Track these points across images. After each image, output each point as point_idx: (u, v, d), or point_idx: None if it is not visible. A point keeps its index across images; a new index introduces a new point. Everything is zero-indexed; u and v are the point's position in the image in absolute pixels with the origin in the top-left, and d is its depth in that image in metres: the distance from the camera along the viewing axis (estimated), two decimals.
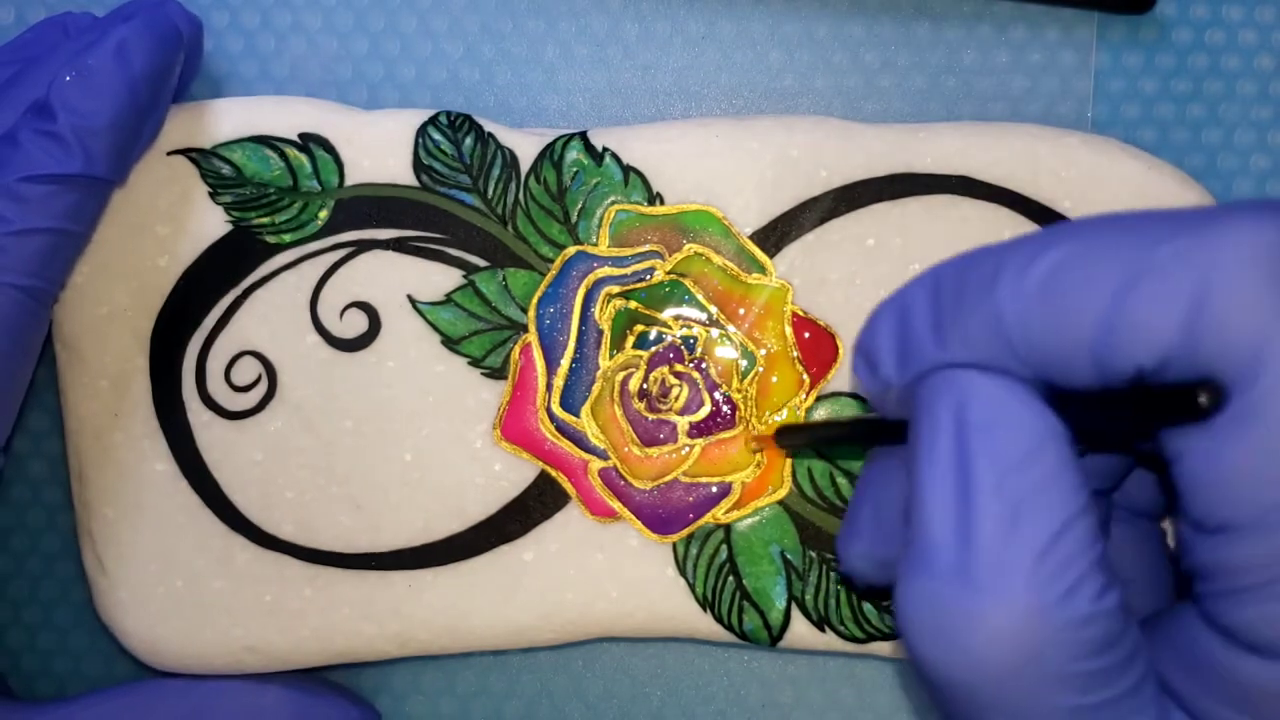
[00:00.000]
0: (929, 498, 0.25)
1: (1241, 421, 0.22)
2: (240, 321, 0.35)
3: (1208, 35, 0.38)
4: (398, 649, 0.35)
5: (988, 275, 0.24)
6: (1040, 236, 0.24)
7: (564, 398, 0.35)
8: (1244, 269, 0.22)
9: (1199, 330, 0.22)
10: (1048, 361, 0.24)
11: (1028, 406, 0.24)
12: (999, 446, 0.24)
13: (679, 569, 0.35)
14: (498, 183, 0.35)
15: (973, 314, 0.24)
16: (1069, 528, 0.23)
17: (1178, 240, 0.22)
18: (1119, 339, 0.23)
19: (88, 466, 0.35)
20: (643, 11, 0.38)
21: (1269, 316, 0.22)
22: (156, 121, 0.34)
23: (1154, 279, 0.22)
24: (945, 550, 0.24)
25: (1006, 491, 0.23)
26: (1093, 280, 0.23)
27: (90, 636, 0.38)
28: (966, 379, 0.25)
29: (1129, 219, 0.24)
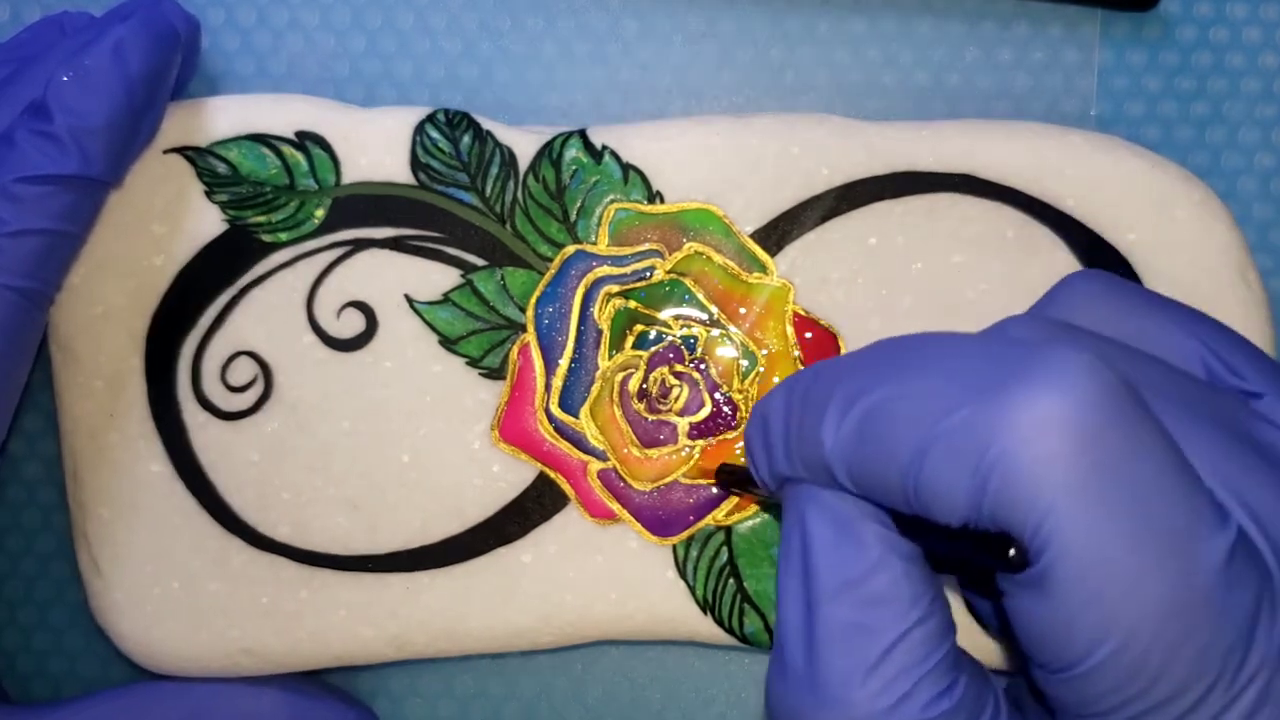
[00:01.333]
0: (783, 606, 0.27)
1: (1040, 587, 0.23)
2: (236, 321, 0.35)
3: (1212, 33, 0.38)
4: (395, 651, 0.35)
5: (818, 409, 0.26)
6: (862, 368, 0.26)
7: (563, 398, 0.35)
8: (1020, 445, 0.23)
9: (984, 503, 0.23)
10: (876, 498, 0.26)
11: (866, 526, 0.26)
12: (835, 566, 0.26)
13: (679, 571, 0.35)
14: (496, 181, 0.35)
15: (807, 446, 0.26)
16: (900, 641, 0.25)
17: (966, 409, 0.23)
18: (923, 502, 0.24)
19: (83, 467, 0.35)
20: (642, 8, 0.38)
21: (1044, 492, 0.23)
22: (153, 121, 0.34)
23: (942, 451, 0.24)
24: (794, 654, 0.26)
25: (844, 607, 0.26)
26: (893, 441, 0.24)
27: (86, 638, 0.38)
28: (812, 496, 0.27)
29: (940, 360, 0.25)
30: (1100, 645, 0.23)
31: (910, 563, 0.26)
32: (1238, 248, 0.35)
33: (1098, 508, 0.22)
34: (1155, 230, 0.35)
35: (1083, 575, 0.23)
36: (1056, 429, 0.23)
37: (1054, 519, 0.23)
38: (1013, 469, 0.23)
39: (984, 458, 0.23)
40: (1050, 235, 0.35)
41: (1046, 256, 0.35)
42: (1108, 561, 0.22)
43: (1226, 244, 0.35)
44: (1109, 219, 0.35)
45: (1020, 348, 0.24)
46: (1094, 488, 0.22)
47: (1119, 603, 0.23)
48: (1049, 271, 0.35)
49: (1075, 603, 0.23)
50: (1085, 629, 0.23)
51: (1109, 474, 0.23)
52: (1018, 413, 0.23)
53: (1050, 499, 0.22)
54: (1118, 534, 0.22)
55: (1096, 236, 0.35)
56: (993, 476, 0.23)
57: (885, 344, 0.27)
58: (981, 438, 0.23)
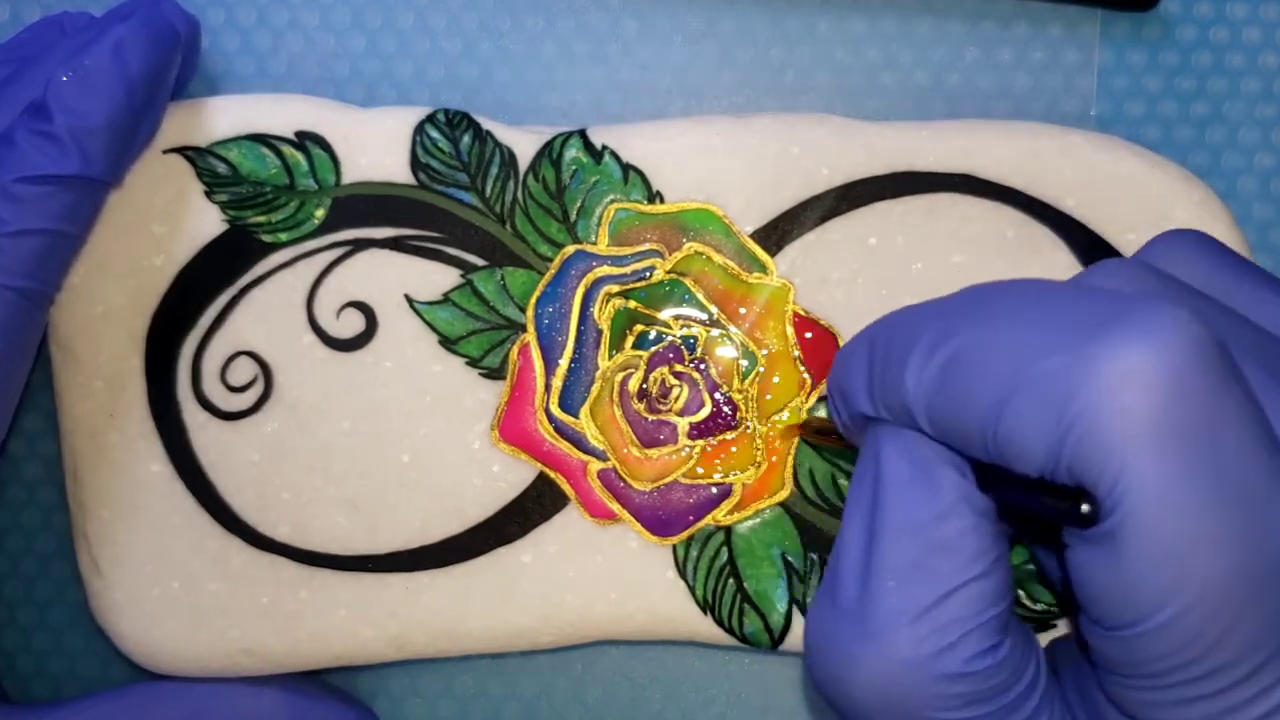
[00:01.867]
0: (845, 536, 0.27)
1: (1109, 543, 0.23)
2: (236, 321, 0.35)
3: (1212, 33, 0.38)
4: (395, 651, 0.35)
5: (900, 353, 0.26)
6: (950, 313, 0.26)
7: (563, 398, 0.35)
8: (1107, 397, 0.22)
9: (1063, 455, 0.23)
10: (955, 445, 0.25)
11: (943, 472, 0.26)
12: (907, 505, 0.26)
13: (679, 571, 0.35)
14: (496, 181, 0.35)
15: (889, 389, 0.26)
16: (957, 592, 0.25)
17: (1054, 357, 0.23)
18: (1000, 449, 0.24)
19: (83, 467, 0.35)
20: (642, 8, 0.38)
21: (1125, 447, 0.22)
22: (153, 121, 0.34)
23: (1026, 397, 0.23)
24: (848, 587, 0.26)
25: (906, 548, 0.25)
26: (977, 386, 0.24)
27: (86, 638, 0.38)
28: (892, 434, 0.26)
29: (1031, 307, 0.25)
30: (1163, 607, 0.23)
31: (982, 517, 0.25)
32: (1238, 247, 0.35)
33: (1175, 467, 0.22)
34: (1155, 230, 0.35)
35: (1153, 536, 0.22)
36: (1143, 385, 0.22)
37: (1130, 476, 0.22)
38: (1095, 422, 0.22)
39: (1068, 408, 0.23)
40: (1050, 235, 0.35)
41: (1046, 256, 0.35)
42: (1180, 522, 0.22)
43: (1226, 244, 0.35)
44: (1109, 219, 0.35)
45: (1112, 299, 0.24)
46: (1174, 448, 0.22)
47: (1187, 566, 0.22)
48: (1049, 271, 0.35)
49: (1143, 562, 0.22)
50: (1150, 589, 0.23)
51: (1191, 435, 0.22)
52: (1105, 365, 0.22)
53: (1129, 454, 0.22)
54: (1193, 495, 0.22)
55: (1096, 236, 0.35)
56: (1075, 428, 0.22)
57: (971, 289, 0.26)
58: (1067, 388, 0.23)
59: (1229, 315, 0.27)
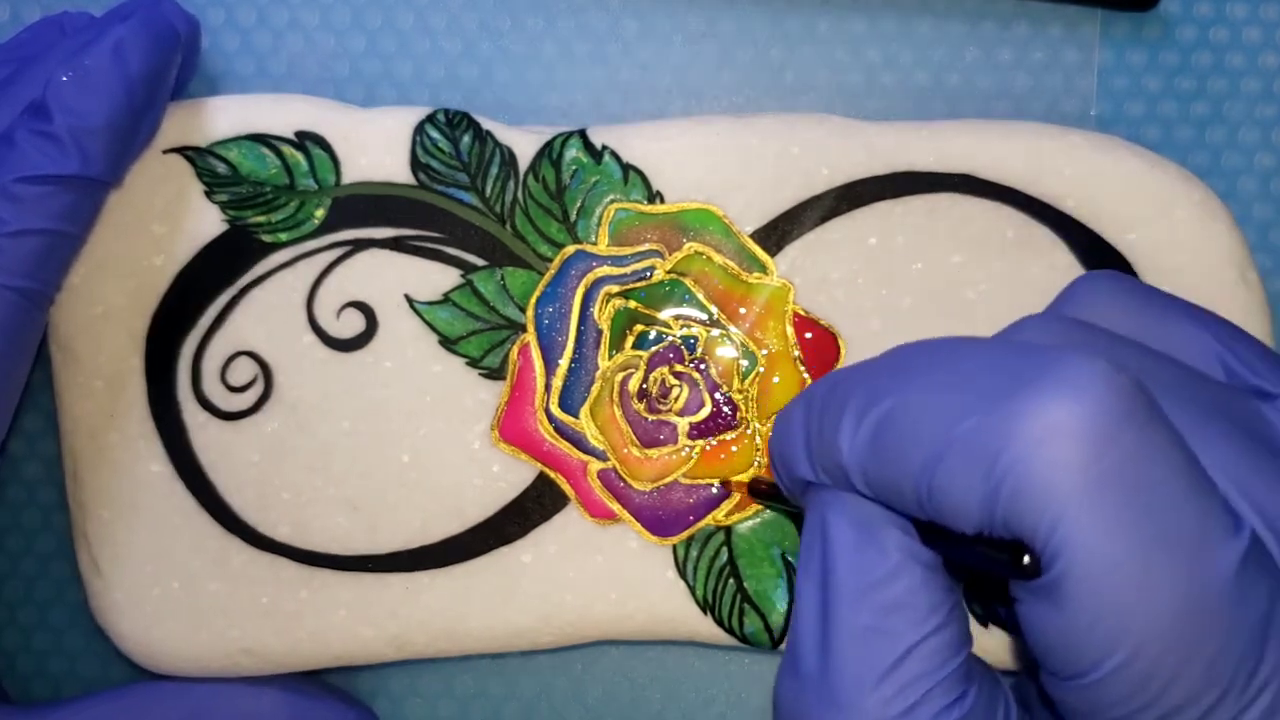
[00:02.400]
0: (800, 605, 0.27)
1: (1052, 595, 0.23)
2: (236, 321, 0.35)
3: (1212, 33, 0.38)
4: (395, 652, 0.35)
5: (835, 415, 0.26)
6: (878, 374, 0.26)
7: (563, 398, 0.35)
8: (1032, 451, 0.23)
9: (997, 510, 0.23)
10: (893, 505, 0.25)
11: (887, 532, 0.26)
12: (856, 569, 0.26)
13: (679, 571, 0.35)
14: (496, 181, 0.35)
15: (825, 452, 0.26)
16: (915, 649, 0.25)
17: (977, 415, 0.23)
18: (936, 509, 0.24)
19: (83, 467, 0.35)
20: (642, 8, 0.38)
21: (1056, 500, 0.22)
22: (153, 121, 0.34)
23: (955, 457, 0.23)
24: (808, 657, 0.26)
25: (861, 611, 0.26)
26: (907, 448, 0.24)
27: (86, 638, 0.38)
28: (834, 500, 0.27)
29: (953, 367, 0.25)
30: (1111, 654, 0.23)
31: (930, 570, 0.26)
32: (1238, 248, 0.35)
33: (1108, 516, 0.22)
34: (1155, 230, 0.35)
35: (1094, 584, 0.22)
36: (1067, 436, 0.22)
37: (1065, 527, 0.22)
38: (1024, 476, 0.23)
39: (996, 465, 0.23)
40: (1050, 235, 0.35)
41: (1046, 256, 0.35)
42: (1119, 570, 0.22)
43: (1226, 244, 0.35)
44: (1109, 219, 0.35)
45: (1031, 354, 0.24)
46: (1105, 495, 0.22)
47: (1130, 612, 0.22)
48: (1049, 271, 0.35)
49: (1086, 611, 0.23)
50: (1096, 638, 0.23)
51: (1120, 481, 0.22)
52: (1028, 420, 0.23)
53: (1061, 507, 0.22)
54: (1129, 542, 0.22)
55: (1096, 236, 0.35)
56: (1005, 483, 0.23)
57: (899, 350, 0.27)
58: (993, 445, 0.23)
59: (1150, 355, 0.27)
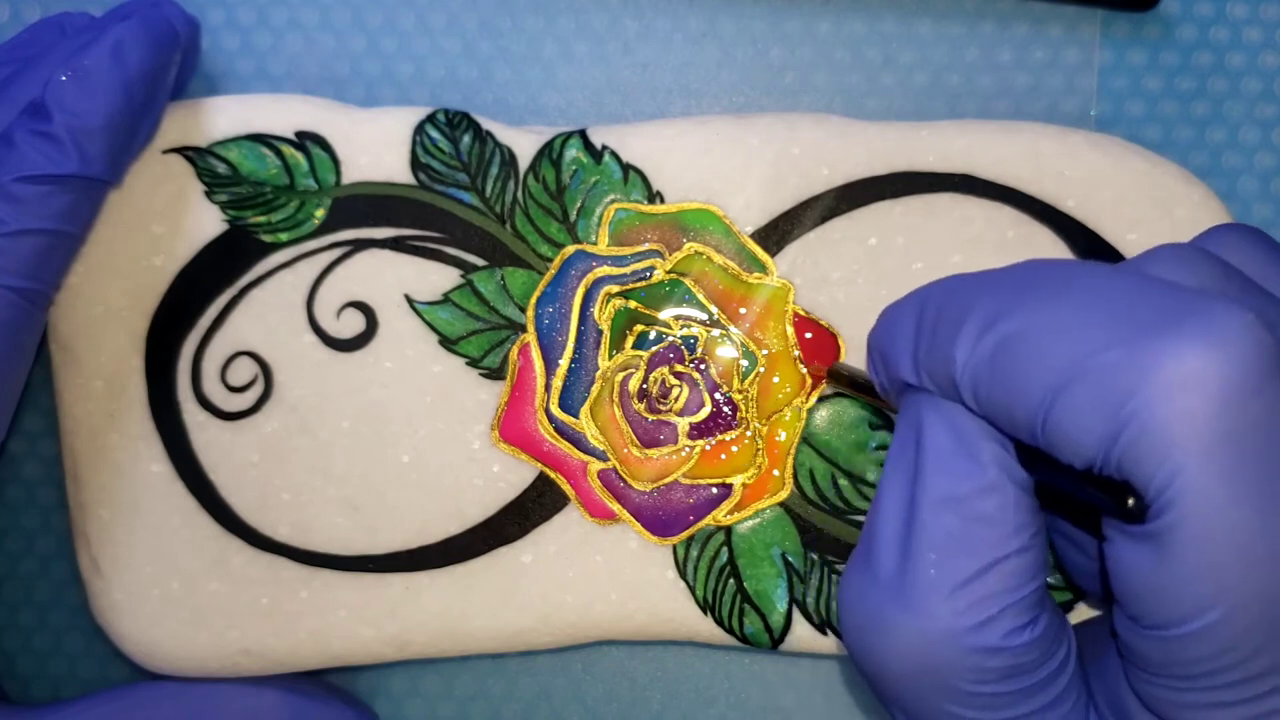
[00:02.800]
0: (884, 503, 0.26)
1: (1155, 543, 0.23)
2: (236, 321, 0.35)
3: (1212, 32, 0.38)
4: (395, 652, 0.35)
5: (953, 324, 0.25)
6: (1007, 288, 0.25)
7: (563, 398, 0.35)
8: (1166, 398, 0.22)
9: (1114, 450, 0.23)
10: (999, 425, 0.25)
11: (985, 445, 0.25)
12: (949, 477, 0.25)
13: (679, 571, 0.35)
14: (496, 181, 0.35)
15: (937, 360, 0.26)
16: (996, 565, 0.25)
17: (1113, 350, 0.23)
18: (1050, 438, 0.24)
19: (83, 468, 0.35)
20: (642, 8, 0.38)
21: (1179, 451, 0.22)
22: (152, 121, 0.34)
23: (1082, 389, 0.23)
24: (885, 556, 0.26)
25: (946, 520, 0.25)
26: (1033, 371, 0.24)
27: (86, 639, 0.38)
28: (935, 405, 0.26)
29: (1093, 294, 0.24)
30: (1206, 611, 0.22)
31: (1022, 491, 0.25)
32: None
33: (1230, 476, 0.22)
34: (1155, 230, 0.35)
35: (1202, 540, 0.22)
36: (1203, 388, 0.22)
37: (1183, 479, 0.22)
38: (1151, 421, 0.22)
39: (1124, 405, 0.22)
40: (1050, 235, 0.35)
41: (1047, 256, 0.35)
42: (1231, 532, 0.22)
43: None
44: (1109, 219, 0.35)
45: (1176, 294, 0.23)
46: (1230, 454, 0.22)
47: (1234, 573, 0.22)
48: None
49: (1189, 565, 0.22)
50: (1194, 593, 0.22)
51: (1248, 444, 0.22)
52: (1166, 364, 0.22)
53: (1184, 457, 0.22)
54: (1245, 507, 0.22)
55: (1096, 236, 0.35)
56: (1130, 426, 0.22)
57: (1030, 265, 0.26)
58: (1124, 384, 0.22)
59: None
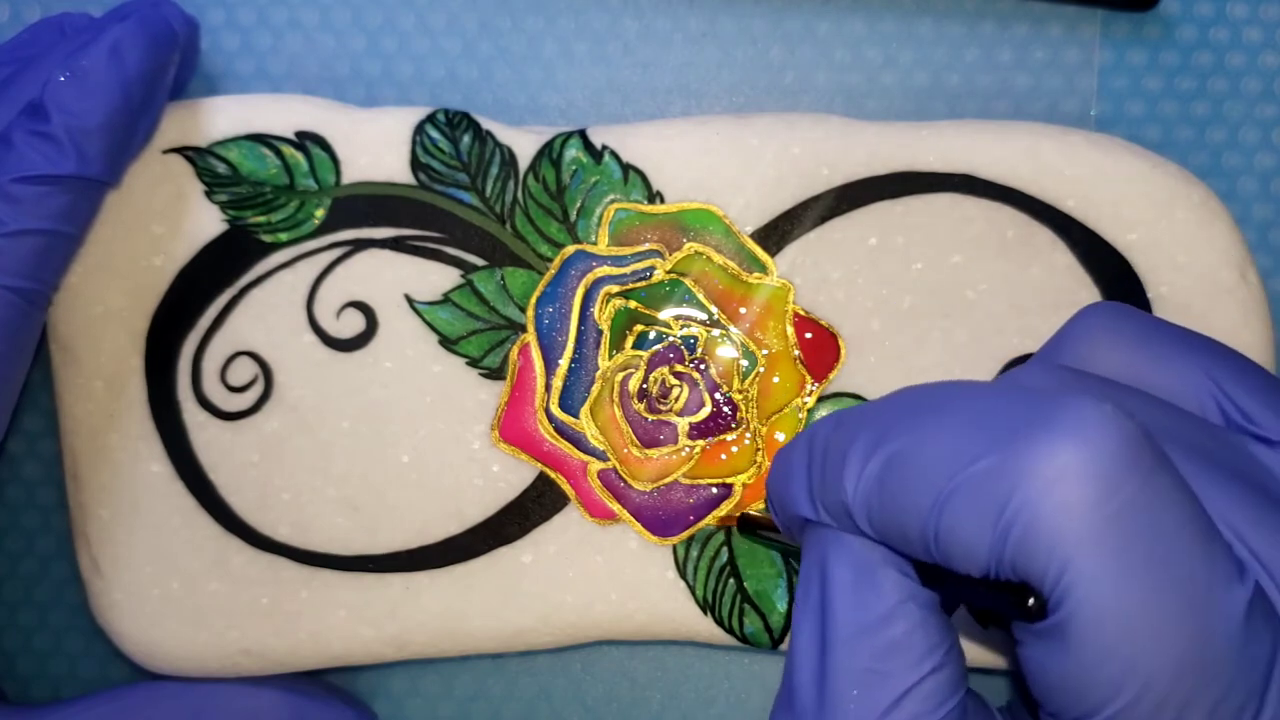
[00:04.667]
0: (797, 643, 0.27)
1: (1057, 637, 0.23)
2: (236, 321, 0.35)
3: (1212, 33, 0.38)
4: (395, 652, 0.35)
5: (840, 454, 0.26)
6: (886, 415, 0.26)
7: (563, 398, 0.35)
8: (1042, 495, 0.23)
9: (1005, 552, 0.23)
10: (896, 546, 0.25)
11: (885, 573, 0.26)
12: (854, 610, 0.26)
13: (679, 571, 0.35)
14: (496, 181, 0.35)
15: (829, 491, 0.26)
16: (914, 690, 0.25)
17: (989, 457, 0.23)
18: (943, 550, 0.24)
19: (83, 468, 0.35)
20: (642, 8, 0.38)
21: (1065, 543, 0.22)
22: (151, 121, 0.34)
23: (964, 498, 0.23)
24: (805, 696, 0.26)
25: (859, 653, 0.25)
26: (917, 488, 0.24)
27: (86, 639, 0.38)
28: (834, 540, 0.27)
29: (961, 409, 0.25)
30: (1116, 697, 0.23)
31: (928, 611, 0.26)
32: (1238, 248, 0.35)
33: (1117, 559, 0.22)
34: (1155, 230, 0.35)
35: (1100, 627, 0.22)
36: (1077, 478, 0.22)
37: (1074, 569, 0.22)
38: (1034, 518, 0.23)
39: (1006, 507, 0.23)
40: (1050, 235, 0.35)
41: (1046, 256, 0.35)
42: (1126, 614, 0.22)
43: (1226, 244, 0.35)
44: (1109, 219, 0.35)
45: (1038, 398, 0.24)
46: (1114, 539, 0.22)
47: (1136, 656, 0.22)
48: (1049, 271, 0.35)
49: (1092, 654, 0.23)
50: (1101, 681, 0.23)
51: (1129, 525, 0.22)
52: (1039, 462, 0.23)
53: (1070, 549, 0.22)
54: (1137, 586, 0.22)
55: (1096, 236, 0.35)
56: (1014, 526, 0.23)
57: (906, 392, 0.27)
58: (1003, 487, 0.23)
59: (1149, 401, 0.27)
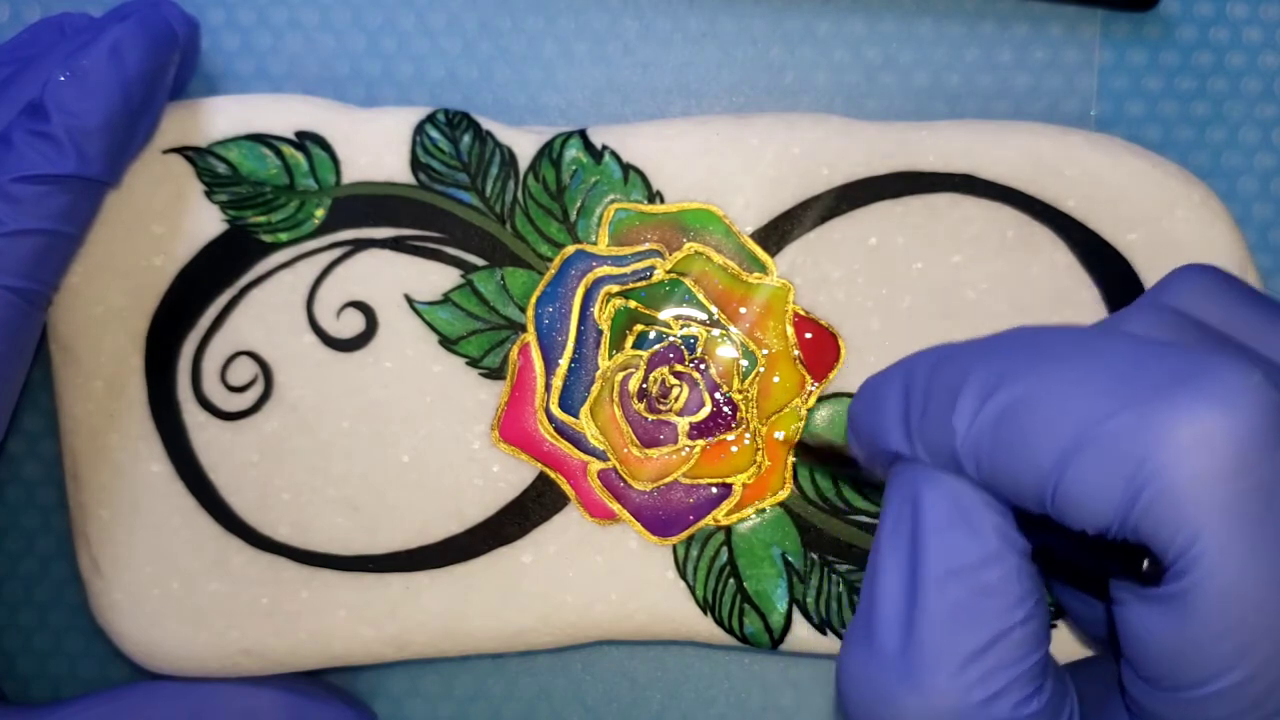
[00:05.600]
0: (882, 579, 0.26)
1: (1174, 605, 0.23)
2: (236, 321, 0.35)
3: (1212, 33, 0.38)
4: (395, 652, 0.35)
5: (949, 392, 0.25)
6: (1003, 355, 0.25)
7: (563, 398, 0.35)
8: (1181, 460, 0.22)
9: (1133, 517, 0.22)
10: (1002, 494, 0.25)
11: (984, 515, 0.25)
12: (949, 551, 0.25)
13: (679, 571, 0.35)
14: (496, 181, 0.35)
15: (932, 431, 0.25)
16: (1003, 637, 0.25)
17: (1123, 414, 0.22)
18: (1061, 506, 0.23)
19: (83, 468, 0.35)
20: (642, 8, 0.38)
21: (1199, 512, 0.22)
22: (151, 121, 0.34)
23: (1095, 454, 0.23)
24: (888, 633, 0.25)
25: (950, 594, 0.25)
26: (1040, 439, 0.23)
27: (86, 639, 0.38)
28: (929, 478, 0.26)
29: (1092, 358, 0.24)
30: (1227, 673, 0.22)
31: (1024, 559, 0.25)
32: (1238, 248, 0.35)
33: (1249, 535, 0.22)
34: (1155, 230, 0.35)
35: (1223, 601, 0.22)
36: (1220, 448, 0.22)
37: (1205, 540, 0.22)
38: (1168, 485, 0.22)
39: (1140, 469, 0.22)
40: (1050, 235, 0.35)
41: (1046, 256, 0.35)
42: (1251, 592, 0.22)
43: (1226, 244, 0.35)
44: (1109, 219, 0.35)
45: (1179, 355, 0.23)
46: (1249, 514, 0.22)
47: (1257, 631, 0.22)
48: (1049, 271, 0.35)
49: (1210, 627, 0.22)
50: (1214, 655, 0.22)
51: (1263, 500, 0.22)
52: (1181, 426, 0.22)
53: (1204, 518, 0.22)
54: (1265, 562, 0.22)
55: (1096, 236, 0.35)
56: (1147, 489, 0.22)
57: (1022, 331, 0.25)
58: (1139, 447, 0.22)
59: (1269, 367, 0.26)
